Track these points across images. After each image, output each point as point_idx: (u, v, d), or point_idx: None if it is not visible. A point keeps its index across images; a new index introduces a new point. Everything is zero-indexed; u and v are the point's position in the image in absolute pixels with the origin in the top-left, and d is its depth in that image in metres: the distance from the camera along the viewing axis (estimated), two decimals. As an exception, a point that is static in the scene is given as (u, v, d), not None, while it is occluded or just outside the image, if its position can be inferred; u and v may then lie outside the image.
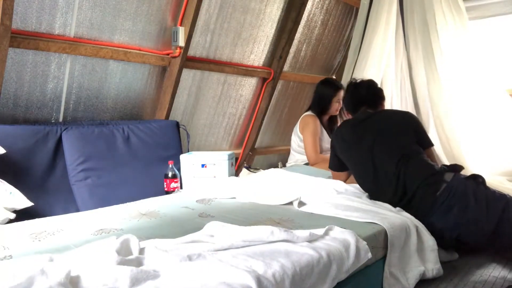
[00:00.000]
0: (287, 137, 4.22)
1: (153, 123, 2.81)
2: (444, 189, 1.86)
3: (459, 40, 3.43)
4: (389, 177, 2.00)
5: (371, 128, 2.16)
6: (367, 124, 2.20)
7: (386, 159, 2.05)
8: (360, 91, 2.39)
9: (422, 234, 1.77)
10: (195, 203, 2.04)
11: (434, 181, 1.90)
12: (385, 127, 2.16)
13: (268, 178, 2.50)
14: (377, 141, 2.10)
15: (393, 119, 2.22)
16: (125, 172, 2.52)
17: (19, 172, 2.16)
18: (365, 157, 2.11)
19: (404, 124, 2.18)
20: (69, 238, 1.49)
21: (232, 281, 1.05)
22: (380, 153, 2.07)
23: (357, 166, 2.21)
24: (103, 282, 1.01)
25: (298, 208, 1.89)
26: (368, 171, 2.10)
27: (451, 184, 1.87)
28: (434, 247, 1.75)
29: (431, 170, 1.95)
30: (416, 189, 1.92)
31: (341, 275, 1.33)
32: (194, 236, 1.37)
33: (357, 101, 2.38)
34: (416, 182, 1.92)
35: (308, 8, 3.74)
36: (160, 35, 2.81)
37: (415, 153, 2.05)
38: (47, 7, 2.23)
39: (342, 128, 2.35)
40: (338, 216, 1.75)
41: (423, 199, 1.89)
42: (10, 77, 2.22)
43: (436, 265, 1.71)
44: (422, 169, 1.97)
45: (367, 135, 2.14)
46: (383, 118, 2.24)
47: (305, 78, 4.18)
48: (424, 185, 1.91)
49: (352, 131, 2.23)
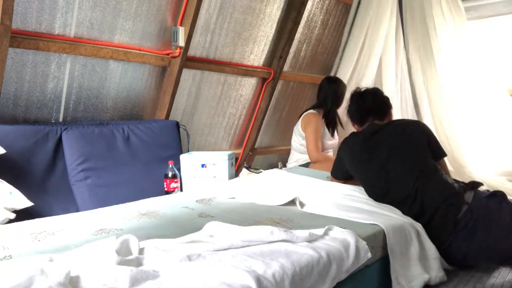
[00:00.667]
0: (287, 137, 4.23)
1: (153, 123, 2.81)
2: (466, 212, 1.78)
3: (459, 39, 3.44)
4: (404, 195, 1.91)
5: (384, 143, 2.04)
6: (379, 138, 2.08)
7: (402, 176, 1.94)
8: (366, 100, 2.28)
9: (424, 241, 1.75)
10: (195, 203, 2.04)
11: (454, 202, 1.82)
12: (399, 142, 2.03)
13: (269, 179, 2.50)
14: (392, 156, 1.99)
15: (406, 132, 2.08)
16: (125, 172, 2.52)
17: (19, 172, 2.16)
18: (377, 174, 2.01)
19: (418, 137, 2.05)
20: (69, 238, 1.49)
21: (232, 281, 1.05)
22: (395, 169, 1.97)
23: (368, 180, 2.09)
24: (102, 282, 1.01)
25: (300, 209, 1.88)
26: (380, 188, 2.00)
27: (472, 206, 1.79)
28: (437, 255, 1.73)
29: (451, 190, 1.86)
30: (435, 210, 1.83)
31: (341, 275, 1.33)
32: (194, 236, 1.37)
33: (363, 112, 2.28)
34: (435, 203, 1.84)
35: (308, 8, 3.74)
36: (160, 35, 2.81)
37: (433, 169, 1.95)
38: (47, 7, 2.23)
39: (350, 141, 2.23)
40: (337, 216, 1.75)
41: (443, 222, 1.81)
42: (10, 77, 2.22)
43: (439, 273, 1.70)
44: (441, 188, 1.87)
45: (379, 151, 2.03)
46: (395, 131, 2.10)
47: (305, 78, 4.18)
48: (444, 207, 1.82)
49: (362, 146, 2.12)
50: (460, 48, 3.43)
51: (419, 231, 1.77)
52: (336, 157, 2.31)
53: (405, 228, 1.72)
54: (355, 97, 2.35)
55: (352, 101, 2.36)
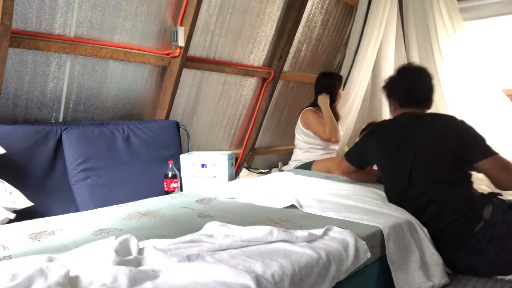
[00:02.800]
0: (287, 137, 4.23)
1: (153, 123, 2.82)
2: (482, 228, 1.74)
3: (459, 40, 3.43)
4: (421, 202, 1.87)
5: (412, 142, 1.93)
6: (408, 134, 1.96)
7: (422, 184, 1.88)
8: (411, 81, 2.06)
9: (426, 247, 1.74)
10: (195, 203, 2.04)
11: (472, 218, 1.77)
12: (428, 144, 1.91)
13: (274, 180, 2.48)
14: (416, 161, 1.90)
15: (438, 133, 1.92)
16: (125, 172, 2.52)
17: (19, 172, 2.16)
18: (398, 174, 1.95)
19: (450, 141, 1.88)
20: (68, 238, 1.49)
21: (231, 281, 1.05)
22: (417, 175, 1.90)
23: (388, 176, 2.05)
24: (101, 282, 1.01)
25: (303, 210, 1.88)
26: (399, 188, 1.95)
27: (489, 223, 1.74)
28: (439, 261, 1.72)
29: (472, 205, 1.80)
30: (453, 220, 1.79)
31: (341, 275, 1.32)
32: (193, 236, 1.37)
33: (405, 95, 2.07)
34: (453, 215, 1.80)
35: (308, 8, 3.74)
36: (160, 35, 2.82)
37: (456, 181, 1.86)
38: (47, 7, 2.23)
39: (384, 128, 2.13)
40: (337, 217, 1.75)
41: (457, 235, 1.79)
42: (10, 77, 2.22)
43: (443, 280, 1.70)
44: (463, 201, 1.81)
45: (407, 150, 1.94)
46: (428, 129, 1.95)
47: (305, 78, 4.18)
48: (462, 220, 1.78)
49: (391, 137, 2.02)
50: (460, 49, 3.42)
51: (421, 236, 1.76)
52: (359, 141, 2.18)
53: (405, 235, 1.70)
54: (396, 76, 2.12)
55: (395, 78, 2.13)
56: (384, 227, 1.63)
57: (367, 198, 2.03)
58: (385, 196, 2.08)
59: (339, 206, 1.88)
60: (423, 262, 1.71)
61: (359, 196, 2.07)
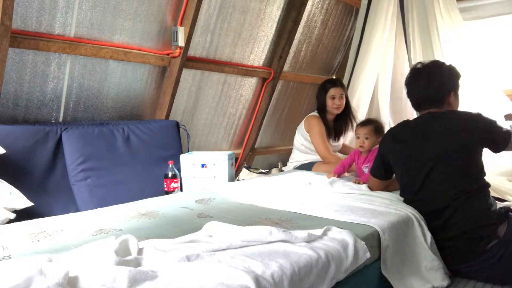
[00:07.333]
0: (287, 137, 4.23)
1: (153, 123, 2.82)
2: (495, 245, 1.73)
3: (460, 40, 3.43)
4: (436, 208, 1.83)
5: (431, 147, 1.88)
6: (427, 136, 1.91)
7: (440, 192, 1.84)
8: (418, 85, 2.00)
9: (425, 253, 1.74)
10: (194, 203, 2.04)
11: (485, 234, 1.74)
12: (448, 151, 1.85)
13: (272, 182, 2.48)
14: (435, 169, 1.86)
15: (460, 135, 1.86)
16: (125, 172, 2.52)
17: (19, 172, 2.16)
18: (414, 178, 1.92)
19: (472, 143, 1.85)
20: (68, 238, 1.49)
21: (231, 281, 1.05)
22: (435, 181, 1.86)
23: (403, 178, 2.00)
24: (101, 283, 1.02)
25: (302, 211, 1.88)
26: (416, 181, 1.91)
27: (503, 240, 1.73)
28: (440, 266, 1.72)
29: (487, 220, 1.76)
30: (466, 233, 1.76)
31: (340, 275, 1.33)
32: (192, 236, 1.37)
33: (413, 100, 2.06)
34: (466, 227, 1.76)
35: (308, 8, 3.74)
36: (160, 35, 2.82)
37: (476, 190, 1.82)
38: (47, 7, 2.23)
39: (393, 129, 2.12)
40: (336, 218, 1.74)
41: (468, 249, 1.76)
42: (10, 77, 2.22)
43: (444, 282, 1.70)
44: (479, 214, 1.77)
45: (424, 155, 1.89)
46: (448, 131, 1.89)
47: (305, 78, 4.18)
48: (475, 236, 1.75)
49: (408, 132, 2.00)
50: (461, 49, 3.42)
51: (424, 240, 1.74)
52: (377, 154, 2.16)
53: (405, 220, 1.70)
54: (407, 79, 2.08)
55: (406, 83, 2.09)
56: (381, 228, 1.63)
57: (376, 199, 2.02)
58: (396, 196, 2.06)
59: (338, 206, 1.88)
60: (423, 266, 1.71)
61: (366, 197, 2.07)
